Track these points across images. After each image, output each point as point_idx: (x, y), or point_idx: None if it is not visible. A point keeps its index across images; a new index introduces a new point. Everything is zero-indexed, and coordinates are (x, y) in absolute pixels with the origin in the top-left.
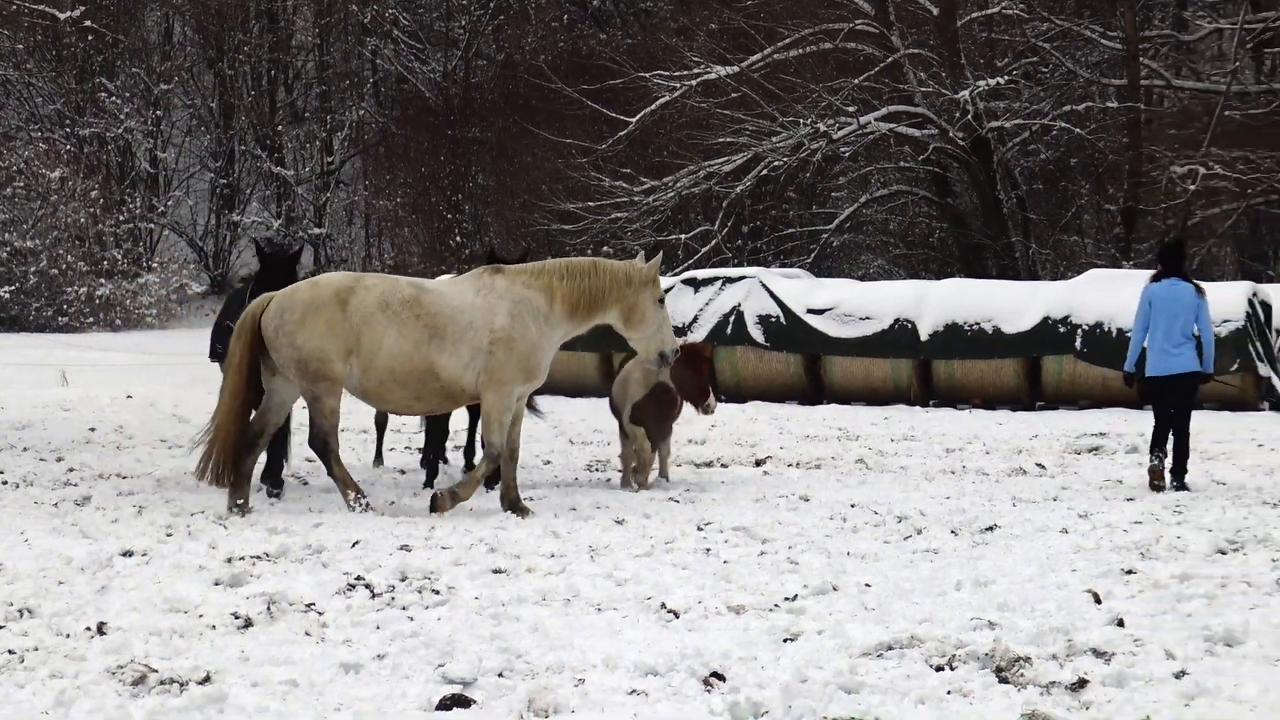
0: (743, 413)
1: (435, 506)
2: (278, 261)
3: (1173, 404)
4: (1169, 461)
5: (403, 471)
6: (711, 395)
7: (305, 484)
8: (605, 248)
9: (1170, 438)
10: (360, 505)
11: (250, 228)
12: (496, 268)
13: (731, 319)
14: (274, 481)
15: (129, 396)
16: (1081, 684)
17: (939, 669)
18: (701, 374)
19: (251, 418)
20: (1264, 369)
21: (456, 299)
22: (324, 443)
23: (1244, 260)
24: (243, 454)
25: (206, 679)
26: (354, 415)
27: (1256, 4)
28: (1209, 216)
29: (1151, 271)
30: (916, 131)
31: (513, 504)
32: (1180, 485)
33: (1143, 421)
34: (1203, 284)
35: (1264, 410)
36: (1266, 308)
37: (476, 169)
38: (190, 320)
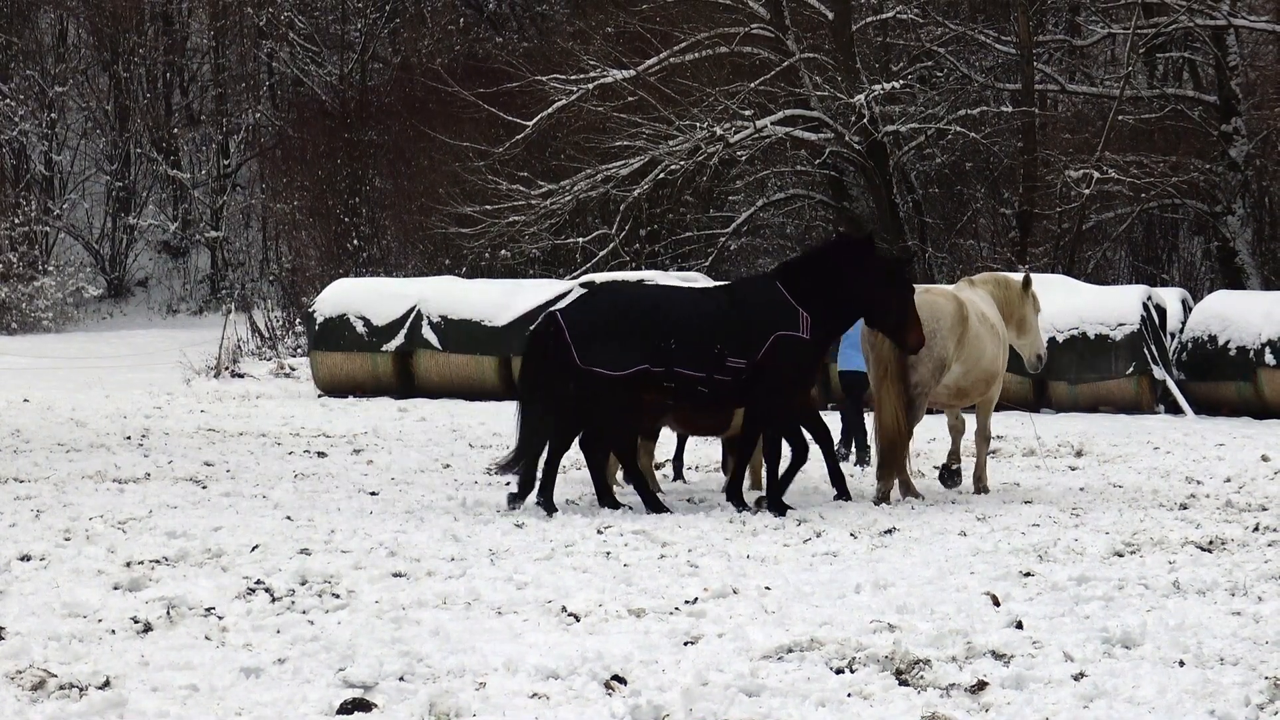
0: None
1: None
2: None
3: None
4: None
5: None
6: None
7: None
8: (503, 251)
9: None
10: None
11: (147, 230)
12: (970, 280)
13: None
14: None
15: (25, 400)
16: (981, 686)
17: (839, 671)
18: None
19: None
20: (1159, 372)
21: (990, 310)
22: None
23: (1138, 264)
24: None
25: (106, 684)
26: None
27: (1148, 9)
28: (1103, 220)
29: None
30: (813, 135)
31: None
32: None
33: (1039, 424)
34: (1098, 287)
35: (1159, 413)
36: (1161, 311)
37: (374, 172)
38: (87, 324)
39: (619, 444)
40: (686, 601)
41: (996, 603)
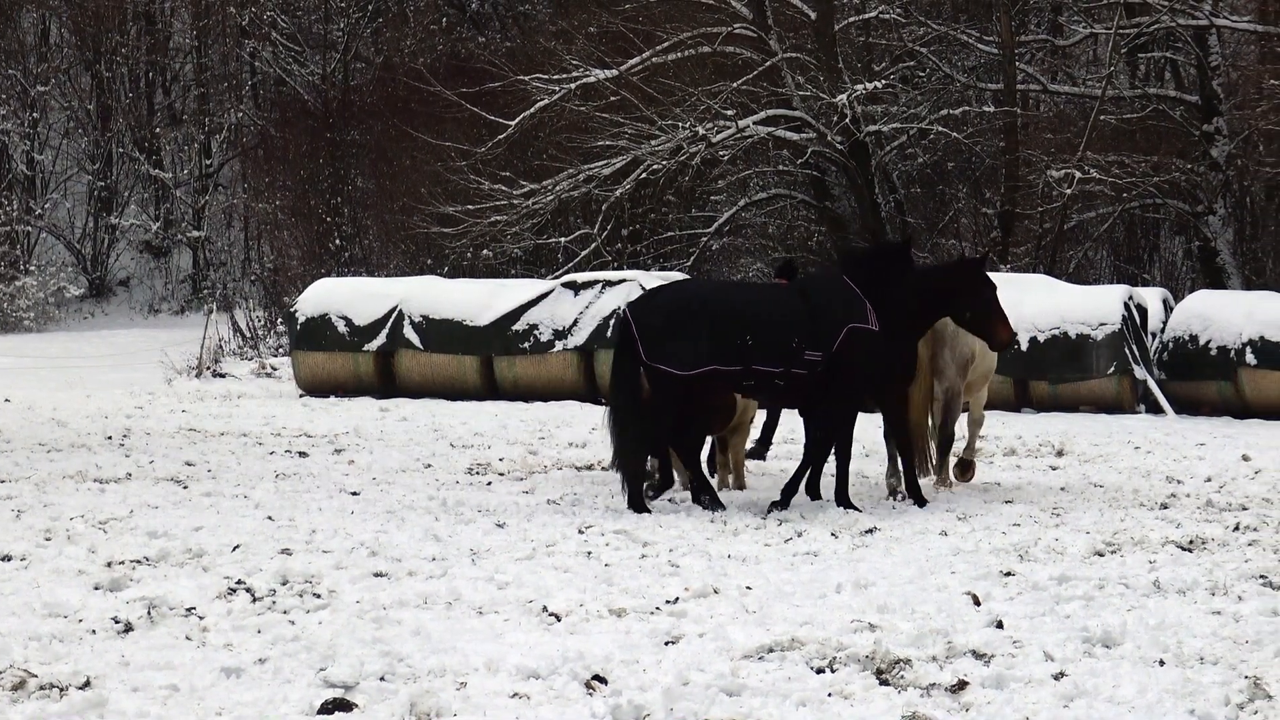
0: None
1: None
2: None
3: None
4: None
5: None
6: None
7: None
8: (485, 251)
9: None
10: None
11: (129, 230)
12: None
13: (612, 322)
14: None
15: (6, 400)
16: (961, 686)
17: (820, 671)
18: None
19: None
20: (1140, 372)
21: None
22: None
23: (1119, 264)
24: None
25: (86, 684)
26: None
27: (1130, 9)
28: (1085, 220)
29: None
30: (795, 135)
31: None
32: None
33: (1020, 424)
34: (1079, 287)
35: (1140, 413)
36: (1142, 311)
37: (356, 172)
38: (68, 323)
39: (678, 441)
40: (667, 601)
41: (977, 602)
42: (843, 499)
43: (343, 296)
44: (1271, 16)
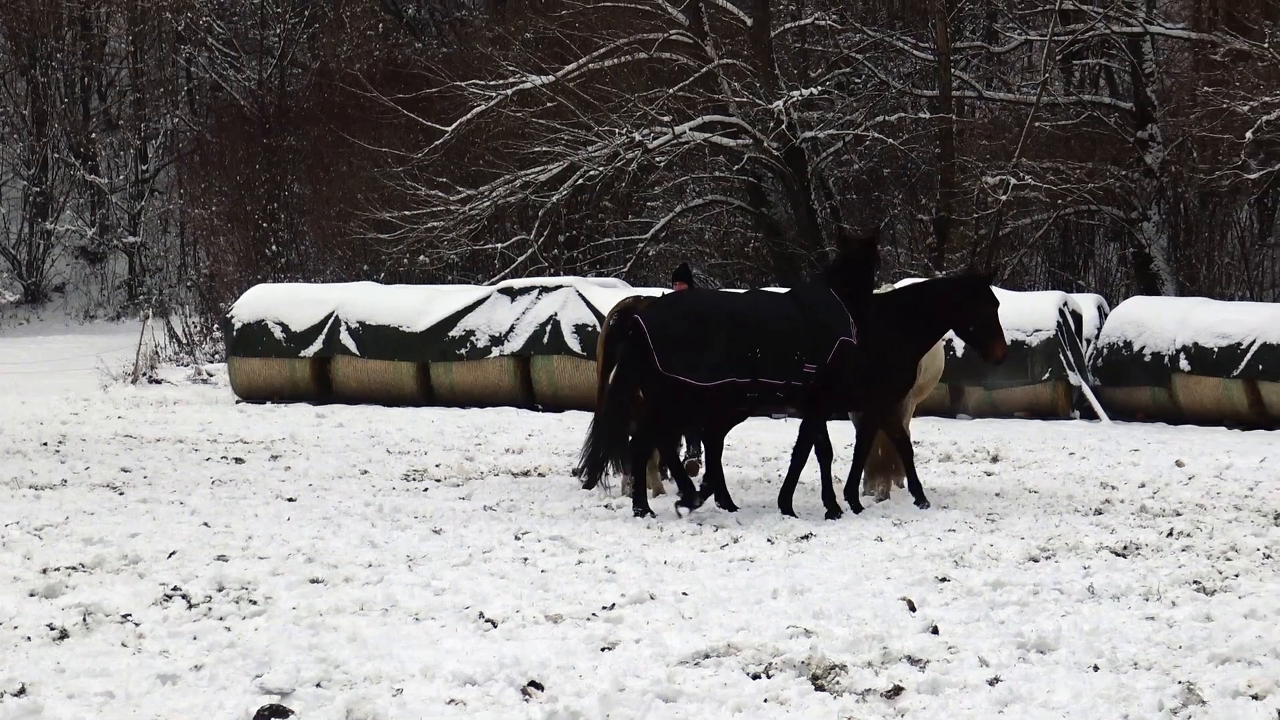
0: (560, 422)
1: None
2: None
3: None
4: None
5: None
6: None
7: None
8: (422, 257)
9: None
10: None
11: (64, 236)
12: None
13: (548, 328)
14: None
15: None
16: (897, 691)
17: (756, 677)
18: None
19: None
20: (1074, 378)
21: None
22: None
23: (1054, 270)
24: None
25: (22, 691)
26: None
27: (1066, 16)
28: (1020, 226)
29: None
30: (731, 141)
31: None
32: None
33: (955, 429)
34: (1014, 293)
35: (1075, 419)
36: (1077, 317)
37: (292, 177)
38: (3, 330)
39: (667, 446)
40: (604, 607)
41: (912, 608)
42: (829, 501)
43: (279, 302)
44: (1205, 24)
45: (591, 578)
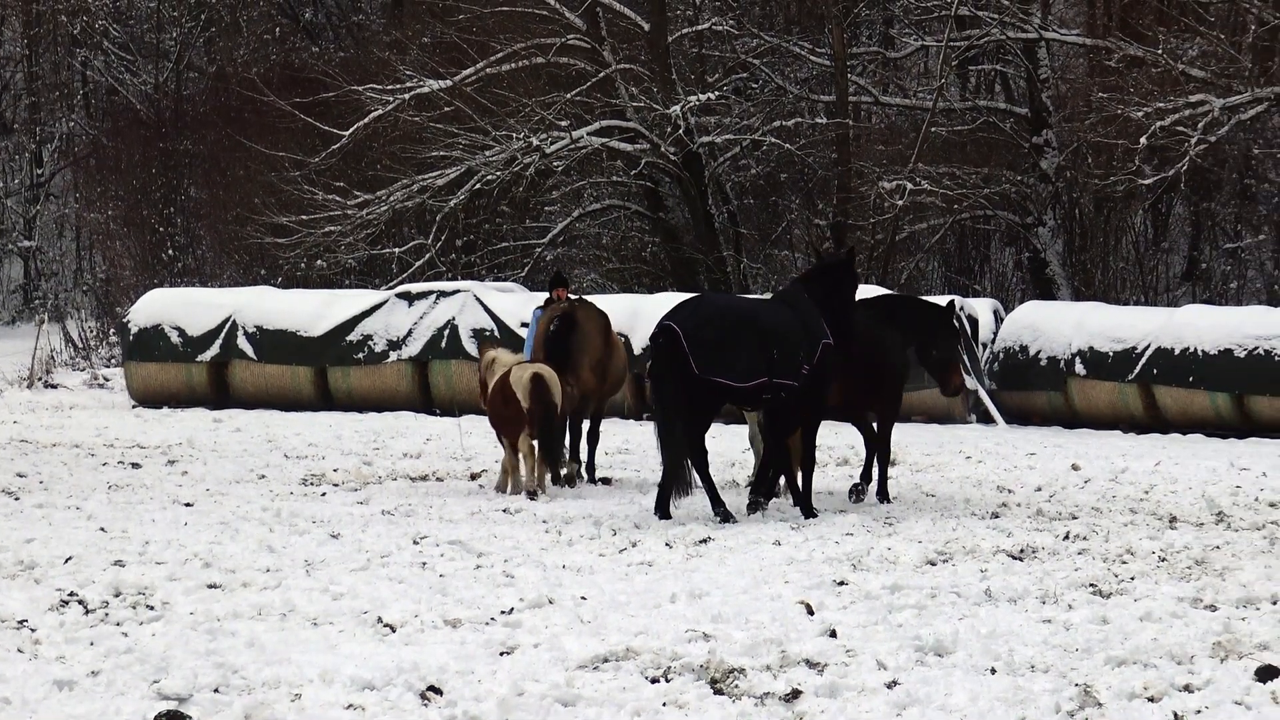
0: (458, 426)
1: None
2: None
3: None
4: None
5: None
6: None
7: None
8: (319, 261)
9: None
10: None
11: None
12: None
13: (446, 333)
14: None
15: None
16: (795, 695)
17: (654, 681)
18: None
19: None
20: (971, 382)
21: None
22: None
23: (951, 275)
24: None
25: None
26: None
27: (961, 22)
28: (916, 231)
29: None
30: (629, 146)
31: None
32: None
33: (853, 434)
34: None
35: (971, 423)
36: (973, 321)
37: (189, 182)
38: None
39: (699, 456)
40: (502, 612)
41: (810, 611)
42: (804, 504)
43: (176, 307)
44: (1100, 30)
45: (490, 582)
